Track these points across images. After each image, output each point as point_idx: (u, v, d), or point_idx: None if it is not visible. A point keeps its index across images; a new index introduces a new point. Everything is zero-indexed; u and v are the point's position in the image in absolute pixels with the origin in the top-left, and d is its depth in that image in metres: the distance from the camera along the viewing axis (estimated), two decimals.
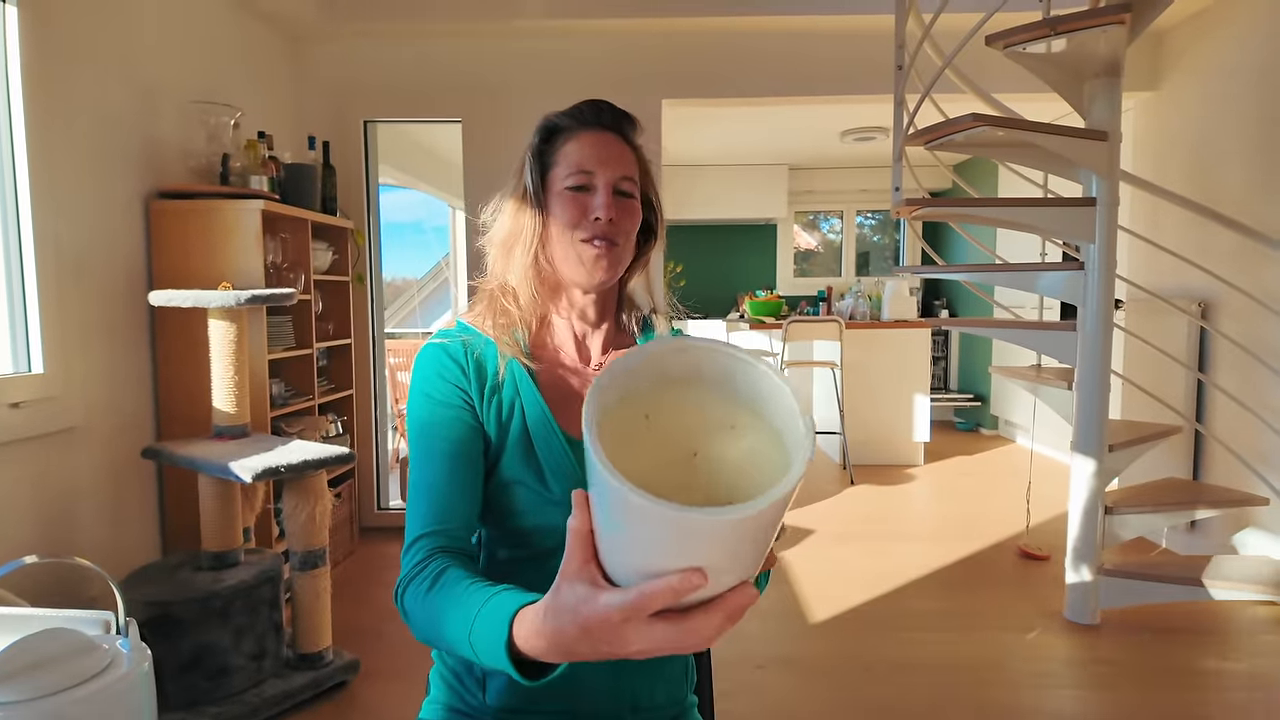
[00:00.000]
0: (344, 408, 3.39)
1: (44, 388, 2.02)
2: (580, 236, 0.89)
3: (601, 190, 0.89)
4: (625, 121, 0.94)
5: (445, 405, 0.87)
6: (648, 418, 0.53)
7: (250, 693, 1.97)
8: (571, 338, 0.96)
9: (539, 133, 0.94)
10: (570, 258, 0.90)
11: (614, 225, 0.89)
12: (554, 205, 0.90)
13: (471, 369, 0.89)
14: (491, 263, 0.97)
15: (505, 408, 0.88)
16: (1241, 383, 2.87)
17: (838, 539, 3.49)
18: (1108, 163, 2.42)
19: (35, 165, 2.01)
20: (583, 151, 0.90)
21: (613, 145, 0.91)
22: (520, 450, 0.87)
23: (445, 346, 0.90)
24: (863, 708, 2.07)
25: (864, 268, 7.33)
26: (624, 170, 0.90)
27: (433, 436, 0.85)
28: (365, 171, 3.59)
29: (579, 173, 0.89)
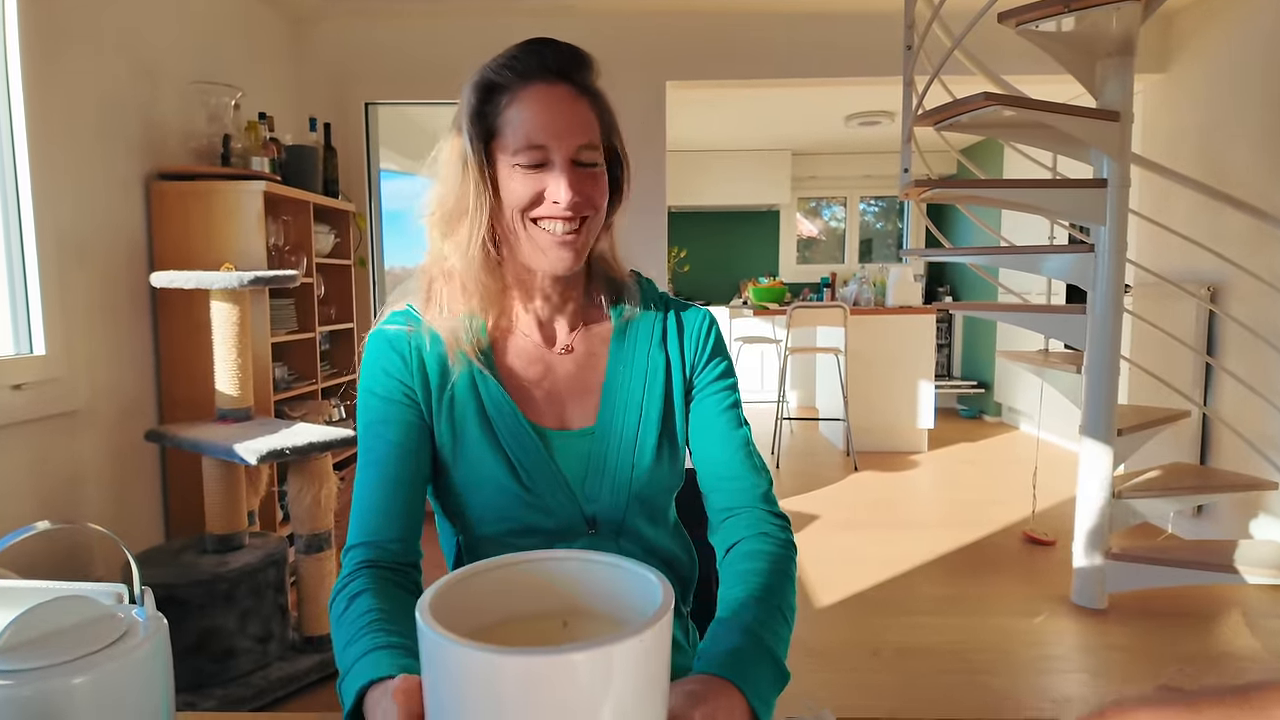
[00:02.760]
0: (347, 392, 3.37)
1: (46, 369, 2.00)
2: (539, 218, 0.77)
3: (559, 167, 0.75)
4: (574, 64, 0.78)
5: (387, 401, 0.80)
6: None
7: (256, 675, 1.97)
8: (534, 319, 0.86)
9: (475, 91, 0.78)
10: (527, 242, 0.78)
11: (580, 204, 0.77)
12: (503, 181, 0.77)
13: (415, 362, 0.80)
14: (430, 242, 0.84)
15: (460, 404, 0.80)
16: (1250, 367, 2.85)
17: (843, 525, 3.48)
18: (1119, 143, 2.40)
19: (35, 146, 1.98)
20: (530, 119, 0.75)
21: (565, 103, 0.76)
22: (484, 448, 0.79)
23: (389, 336, 0.81)
24: (869, 692, 2.06)
25: (867, 255, 7.30)
26: (582, 136, 0.76)
27: (373, 438, 0.79)
28: (367, 154, 3.56)
29: (530, 148, 0.75)
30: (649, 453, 0.83)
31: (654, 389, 0.85)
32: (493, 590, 0.49)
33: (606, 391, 0.84)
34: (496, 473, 0.79)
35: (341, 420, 3.24)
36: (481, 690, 0.39)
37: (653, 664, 0.43)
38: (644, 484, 0.83)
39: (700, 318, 0.90)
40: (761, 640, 0.67)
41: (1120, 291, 2.45)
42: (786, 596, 0.75)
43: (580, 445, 0.83)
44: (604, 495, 0.82)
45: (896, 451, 4.88)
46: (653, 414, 0.84)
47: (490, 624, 0.48)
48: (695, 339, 0.88)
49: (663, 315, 0.89)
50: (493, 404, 0.80)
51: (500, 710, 0.39)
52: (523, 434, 0.80)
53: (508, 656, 0.38)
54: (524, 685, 0.39)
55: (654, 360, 0.86)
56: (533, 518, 0.80)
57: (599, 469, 0.82)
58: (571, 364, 0.86)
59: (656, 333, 0.87)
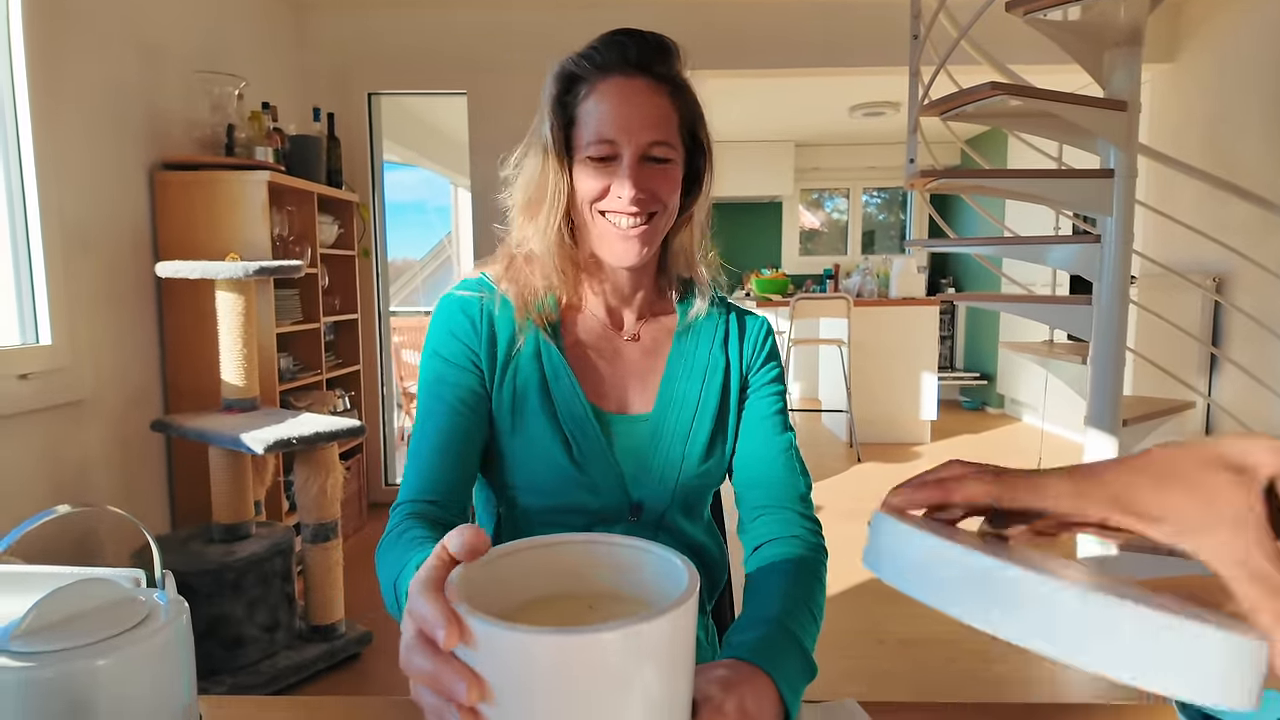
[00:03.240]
0: (351, 383, 3.38)
1: (52, 359, 2.00)
2: (605, 211, 0.79)
3: (627, 164, 0.76)
4: (658, 57, 0.78)
5: (452, 365, 0.81)
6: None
7: (265, 663, 1.98)
8: (603, 304, 0.88)
9: (556, 81, 0.80)
10: (596, 233, 0.80)
11: (644, 200, 0.77)
12: (577, 171, 0.79)
13: (485, 329, 0.82)
14: (513, 223, 0.87)
15: (524, 374, 0.81)
16: (1255, 357, 2.85)
17: (846, 515, 3.49)
18: (1126, 133, 2.39)
19: (40, 135, 1.97)
20: (604, 113, 0.76)
21: (641, 97, 0.77)
22: (542, 421, 0.80)
23: (461, 300, 0.83)
24: (874, 681, 2.07)
25: (869, 246, 7.28)
26: (655, 132, 0.77)
27: (434, 399, 0.80)
28: (370, 145, 3.54)
29: (600, 141, 0.76)
30: (700, 447, 0.84)
31: (711, 386, 0.86)
32: (518, 573, 0.49)
33: (665, 382, 0.85)
34: (551, 447, 0.80)
35: (346, 411, 3.24)
36: (511, 670, 0.39)
37: (680, 644, 0.43)
38: (691, 477, 0.84)
39: (760, 324, 0.92)
40: (790, 630, 0.67)
41: (1126, 282, 2.44)
42: (816, 597, 0.75)
43: (635, 431, 0.84)
44: (652, 483, 0.83)
45: (899, 443, 4.89)
46: (708, 410, 0.85)
47: (515, 606, 0.48)
48: (754, 343, 0.90)
49: (725, 317, 0.90)
50: (555, 377, 0.82)
51: (530, 690, 0.39)
52: (581, 412, 0.81)
53: (539, 636, 0.38)
54: (555, 665, 0.39)
55: (714, 359, 0.87)
56: (579, 497, 0.81)
57: (650, 457, 0.83)
58: (636, 351, 0.88)
59: (719, 333, 0.89)
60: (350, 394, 3.34)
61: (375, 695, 0.67)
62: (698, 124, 0.83)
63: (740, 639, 0.65)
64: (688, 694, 0.45)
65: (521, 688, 0.39)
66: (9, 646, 0.50)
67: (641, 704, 0.41)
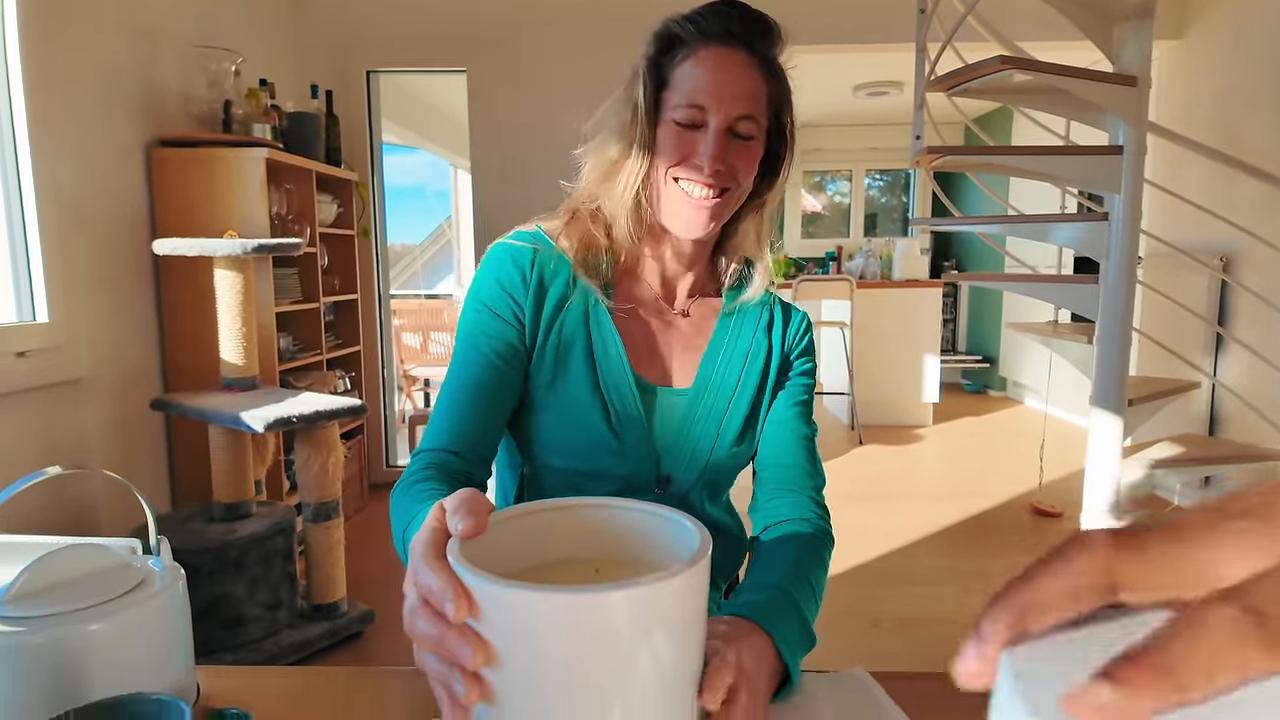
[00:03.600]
0: (351, 364, 3.36)
1: (49, 337, 1.98)
2: (680, 178, 0.77)
3: (713, 133, 0.75)
4: (759, 33, 0.77)
5: (494, 316, 0.80)
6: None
7: (267, 641, 1.97)
8: (659, 274, 0.87)
9: (655, 40, 0.79)
10: (666, 199, 0.79)
11: (722, 174, 0.77)
12: (660, 133, 0.78)
13: (534, 281, 0.80)
14: (586, 179, 0.86)
15: (569, 333, 0.80)
16: (1262, 337, 2.83)
17: (847, 497, 3.48)
18: (1136, 109, 2.35)
19: (34, 111, 1.94)
20: (698, 78, 0.76)
21: (737, 69, 0.76)
22: (584, 383, 0.79)
23: (513, 250, 0.81)
24: (871, 660, 2.06)
25: (872, 229, 7.24)
26: (744, 107, 0.76)
27: (471, 348, 0.79)
28: (369, 124, 3.51)
29: (689, 107, 0.76)
30: (735, 428, 0.84)
31: (752, 370, 0.86)
32: (524, 536, 0.48)
33: (707, 360, 0.85)
34: (589, 410, 0.79)
35: (347, 392, 3.23)
36: (515, 632, 0.38)
37: (690, 608, 0.41)
38: (722, 457, 0.84)
39: (803, 318, 0.92)
40: (791, 596, 0.67)
41: (1134, 260, 2.42)
42: (818, 576, 0.76)
43: (673, 404, 0.83)
44: (684, 459, 0.83)
45: (901, 425, 4.88)
46: (746, 393, 0.85)
47: (522, 569, 0.47)
48: (795, 333, 0.90)
49: (770, 306, 0.90)
50: (601, 341, 0.81)
51: (534, 652, 0.37)
52: (624, 379, 0.80)
53: (544, 594, 0.37)
54: (560, 625, 0.37)
55: (758, 342, 0.87)
56: (609, 464, 0.80)
57: (685, 432, 0.83)
58: (685, 326, 0.87)
59: (764, 319, 0.89)
60: (350, 375, 3.33)
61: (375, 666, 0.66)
62: (784, 109, 0.82)
63: (741, 600, 0.66)
64: (698, 660, 0.43)
65: (525, 650, 0.38)
66: (1, 611, 0.49)
67: (651, 668, 0.39)
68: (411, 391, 5.01)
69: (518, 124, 3.50)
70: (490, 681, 0.39)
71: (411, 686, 0.63)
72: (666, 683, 0.40)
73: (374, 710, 0.59)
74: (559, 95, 3.48)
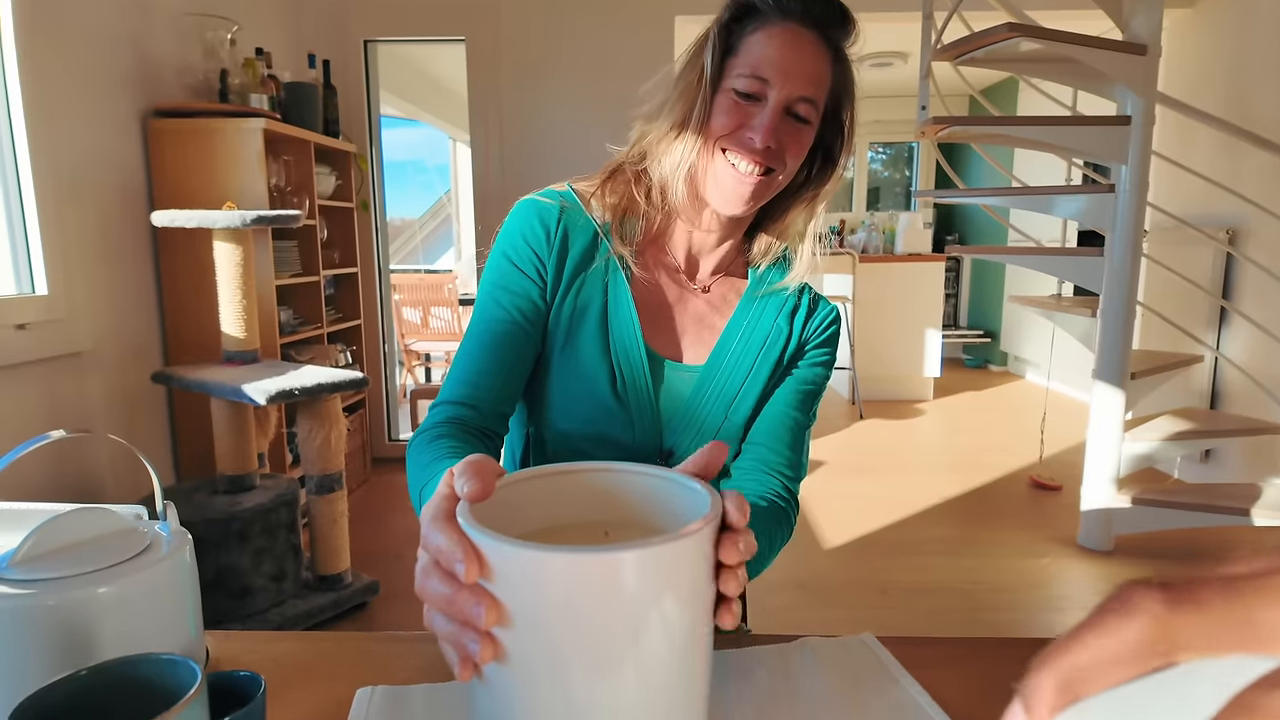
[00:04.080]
0: (352, 338, 3.35)
1: (49, 309, 1.97)
2: (728, 148, 0.76)
3: (770, 108, 0.74)
4: (835, 20, 0.76)
5: (517, 269, 0.79)
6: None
7: (272, 611, 1.99)
8: (685, 247, 0.85)
9: (732, 6, 0.78)
10: (711, 170, 0.77)
11: (771, 152, 0.75)
12: (718, 101, 0.77)
13: (558, 239, 0.80)
14: (639, 140, 0.84)
15: (586, 297, 0.80)
16: (1267, 311, 2.82)
17: (850, 470, 3.50)
18: (1145, 78, 2.32)
19: (27, 80, 1.91)
20: (768, 51, 0.74)
21: (806, 50, 0.75)
22: (595, 348, 0.79)
23: (539, 206, 0.81)
24: (877, 628, 2.08)
25: (874, 203, 7.19)
26: (806, 88, 0.75)
27: (492, 302, 0.79)
28: (367, 94, 3.46)
29: (752, 77, 0.74)
30: (745, 410, 0.83)
31: (770, 354, 0.84)
32: (534, 498, 0.47)
33: (724, 339, 0.84)
34: (598, 377, 0.79)
35: (348, 365, 3.22)
36: (526, 592, 0.38)
37: (700, 570, 0.41)
38: (728, 438, 0.83)
39: (831, 310, 0.89)
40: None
41: (1140, 233, 2.40)
42: (776, 537, 0.74)
43: (684, 380, 0.83)
44: (689, 435, 0.82)
45: (902, 400, 4.88)
46: (761, 375, 0.84)
47: (531, 531, 0.47)
48: (818, 325, 0.87)
49: (798, 294, 0.88)
50: (616, 308, 0.80)
51: (545, 612, 0.37)
52: (634, 349, 0.80)
53: (556, 554, 0.36)
54: (570, 585, 0.37)
55: (779, 327, 0.85)
56: (614, 430, 0.80)
57: (692, 409, 0.82)
58: (703, 303, 0.86)
59: (788, 305, 0.86)
60: (351, 349, 3.32)
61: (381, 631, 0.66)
62: (845, 102, 0.81)
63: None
64: (708, 622, 0.43)
65: (537, 609, 0.38)
66: (7, 574, 0.48)
67: (660, 628, 0.39)
68: (412, 366, 5.01)
69: (518, 94, 3.45)
70: (501, 641, 0.39)
71: (417, 651, 0.63)
72: (677, 642, 0.40)
73: (380, 674, 0.59)
74: (561, 65, 3.44)
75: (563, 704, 0.38)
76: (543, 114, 3.47)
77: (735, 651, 0.62)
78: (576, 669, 0.38)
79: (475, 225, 3.57)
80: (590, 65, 3.43)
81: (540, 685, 0.39)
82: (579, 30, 3.42)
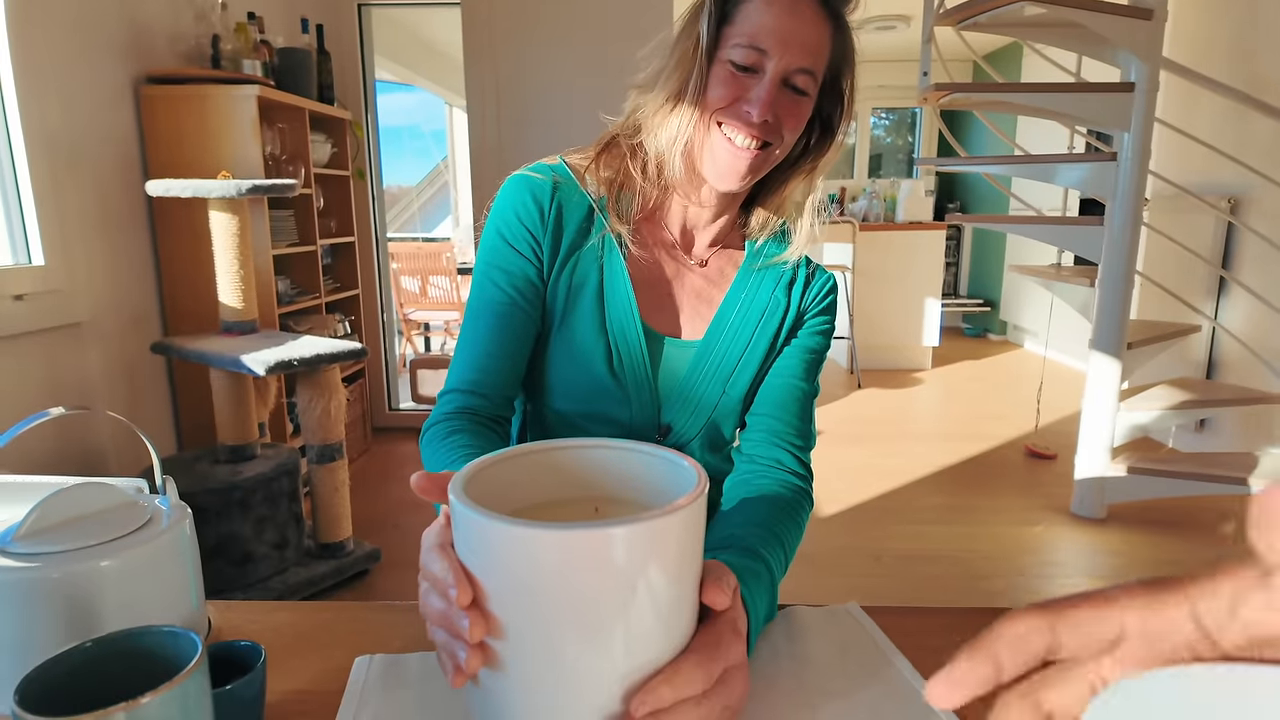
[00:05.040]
0: (350, 307, 3.35)
1: (46, 280, 1.97)
2: (725, 122, 0.74)
3: (767, 80, 0.72)
4: None
5: (511, 248, 0.78)
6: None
7: (275, 579, 2.02)
8: (681, 221, 0.84)
9: None
10: (707, 144, 0.76)
11: (769, 125, 0.73)
12: (713, 72, 0.74)
13: (552, 216, 0.78)
14: (633, 111, 0.82)
15: (581, 273, 0.79)
16: (1267, 281, 2.81)
17: (847, 439, 3.52)
18: (1149, 44, 2.29)
19: (18, 50, 1.88)
20: (765, 19, 0.71)
21: (805, 18, 0.72)
22: (591, 326, 0.78)
23: (531, 182, 0.79)
24: (871, 595, 2.12)
25: (876, 170, 7.13)
26: (804, 59, 0.72)
27: (489, 284, 0.78)
28: (361, 60, 3.41)
29: (749, 48, 0.72)
30: (743, 384, 0.83)
31: (767, 327, 0.84)
32: (525, 475, 0.48)
33: (721, 313, 0.83)
34: (594, 354, 0.78)
35: (347, 335, 3.23)
36: (517, 566, 0.39)
37: (688, 545, 0.42)
38: (727, 412, 0.83)
39: (828, 279, 0.88)
40: (770, 572, 0.64)
41: (1140, 202, 2.39)
42: (793, 539, 0.74)
43: (681, 356, 0.82)
44: (686, 410, 0.82)
45: (901, 369, 4.89)
46: (759, 349, 0.83)
47: (522, 508, 0.48)
48: (816, 294, 0.86)
49: (798, 266, 0.87)
50: (612, 285, 0.79)
51: (540, 585, 0.38)
52: (631, 326, 0.79)
53: (545, 530, 0.37)
54: (560, 561, 0.38)
55: (776, 299, 0.84)
56: (611, 408, 0.80)
57: (689, 384, 0.82)
58: (699, 278, 0.85)
59: (785, 277, 0.85)
60: (350, 319, 3.32)
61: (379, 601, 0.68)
62: (844, 71, 0.78)
63: (722, 559, 0.62)
64: (695, 597, 0.44)
65: (530, 583, 0.39)
66: (11, 547, 0.49)
67: (648, 600, 0.40)
68: (411, 335, 5.02)
69: (515, 58, 3.40)
70: (496, 614, 0.40)
71: (414, 620, 0.64)
72: (664, 612, 0.41)
73: (378, 643, 0.61)
74: (558, 28, 3.38)
75: (553, 672, 0.40)
76: (540, 78, 3.42)
77: None
78: (569, 640, 0.39)
79: (472, 192, 3.54)
80: (587, 28, 3.37)
81: (532, 655, 0.40)
82: None
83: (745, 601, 0.54)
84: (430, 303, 4.92)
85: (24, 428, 0.51)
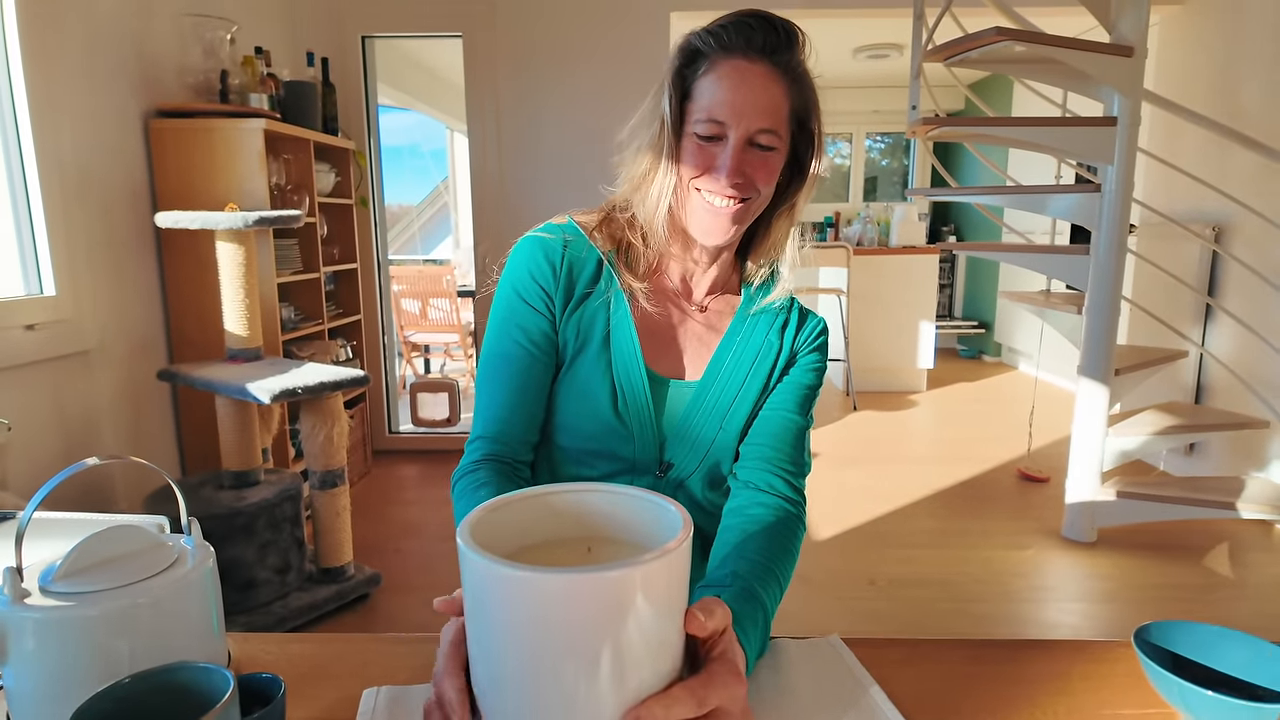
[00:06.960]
0: (352, 333, 3.40)
1: (56, 310, 2.02)
2: (701, 188, 0.81)
3: (731, 147, 0.78)
4: (779, 44, 0.79)
5: (527, 304, 0.85)
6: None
7: (277, 604, 2.05)
8: (680, 271, 0.91)
9: (680, 54, 0.82)
10: (690, 207, 0.83)
11: (741, 185, 0.80)
12: (684, 145, 0.81)
13: (563, 273, 0.85)
14: (622, 185, 0.89)
15: (588, 321, 0.85)
16: (1251, 308, 2.87)
17: (842, 461, 3.56)
18: (1131, 80, 2.36)
19: (32, 84, 1.95)
20: (718, 93, 0.78)
21: (757, 82, 0.78)
22: (597, 369, 0.84)
23: (544, 243, 0.86)
24: (865, 619, 2.15)
25: (871, 193, 7.21)
26: (762, 121, 0.78)
27: (506, 337, 0.85)
28: (365, 90, 3.49)
29: (709, 120, 0.78)
30: (739, 421, 0.88)
31: (761, 367, 0.89)
32: (521, 519, 0.53)
33: (718, 355, 0.89)
34: (599, 397, 0.84)
35: (349, 360, 3.27)
36: (522, 605, 0.43)
37: (675, 583, 0.47)
38: (723, 450, 0.88)
39: (819, 323, 0.94)
40: (763, 607, 0.68)
41: (1125, 232, 2.45)
42: (786, 570, 0.77)
43: (682, 396, 0.88)
44: (686, 448, 0.87)
45: (895, 391, 4.94)
46: (754, 388, 0.88)
47: (519, 549, 0.52)
48: (807, 335, 0.92)
49: (788, 308, 0.92)
50: (618, 333, 0.85)
51: (541, 623, 0.43)
52: (635, 370, 0.84)
53: (550, 575, 0.42)
54: (564, 601, 0.42)
55: (770, 341, 0.90)
56: (616, 445, 0.85)
57: (689, 422, 0.87)
58: (699, 323, 0.91)
59: (779, 320, 0.91)
60: (352, 343, 3.37)
61: (387, 633, 0.72)
62: (810, 114, 0.84)
63: (716, 593, 0.67)
64: (680, 627, 0.49)
65: (531, 621, 0.43)
66: (52, 587, 0.54)
67: (638, 634, 0.44)
68: (411, 358, 5.06)
69: (516, 89, 3.48)
70: (500, 649, 0.44)
71: (420, 652, 0.68)
72: (652, 644, 0.46)
73: (386, 674, 0.65)
74: (557, 60, 3.46)
75: (553, 700, 0.44)
76: (540, 109, 3.50)
77: None
78: (566, 669, 0.44)
79: (473, 218, 3.61)
80: (586, 57, 3.45)
81: (534, 684, 0.44)
82: (575, 26, 3.44)
83: (741, 643, 0.58)
84: (431, 325, 4.97)
85: (63, 478, 0.56)
